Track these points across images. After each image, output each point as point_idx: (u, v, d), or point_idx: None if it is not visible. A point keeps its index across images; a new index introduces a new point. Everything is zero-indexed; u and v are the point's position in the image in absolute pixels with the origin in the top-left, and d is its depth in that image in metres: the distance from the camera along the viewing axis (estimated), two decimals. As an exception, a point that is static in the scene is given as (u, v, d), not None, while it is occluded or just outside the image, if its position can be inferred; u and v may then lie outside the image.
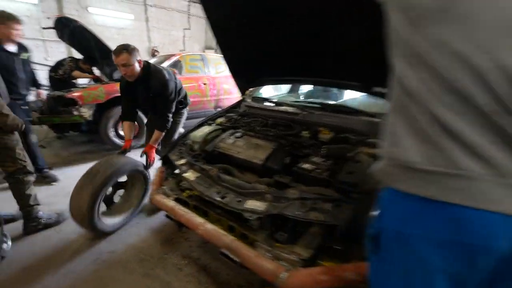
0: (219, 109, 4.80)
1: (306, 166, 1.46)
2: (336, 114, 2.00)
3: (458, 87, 0.56)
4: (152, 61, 4.64)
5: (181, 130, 2.77)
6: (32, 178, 2.06)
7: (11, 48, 2.57)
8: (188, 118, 4.51)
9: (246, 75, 2.35)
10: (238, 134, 1.94)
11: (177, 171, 1.92)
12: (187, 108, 2.83)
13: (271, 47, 1.96)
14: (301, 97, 2.96)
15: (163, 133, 2.33)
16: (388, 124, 0.69)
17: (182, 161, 1.75)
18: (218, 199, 1.39)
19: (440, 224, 0.60)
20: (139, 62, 2.13)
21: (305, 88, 3.47)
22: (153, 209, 2.33)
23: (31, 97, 2.94)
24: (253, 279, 1.66)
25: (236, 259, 1.21)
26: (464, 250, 0.58)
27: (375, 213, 0.74)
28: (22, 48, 2.70)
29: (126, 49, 2.02)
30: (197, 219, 1.37)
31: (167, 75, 2.23)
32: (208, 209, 1.50)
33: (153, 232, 2.13)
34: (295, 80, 2.20)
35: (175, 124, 2.60)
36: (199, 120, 2.35)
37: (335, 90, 3.10)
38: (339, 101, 2.45)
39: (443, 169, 0.59)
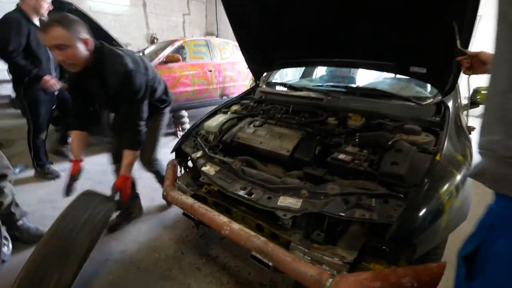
0: (225, 98, 4.61)
1: (342, 156, 1.29)
2: (364, 98, 1.82)
3: None
4: (152, 48, 4.41)
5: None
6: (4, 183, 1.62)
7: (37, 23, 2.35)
8: (194, 107, 4.36)
9: (262, 58, 2.15)
10: (257, 123, 1.76)
11: (190, 163, 1.76)
12: (170, 106, 2.05)
13: (291, 26, 1.75)
14: (318, 81, 2.75)
15: (138, 152, 1.57)
16: (503, 109, 0.52)
17: (198, 154, 1.58)
18: (245, 195, 1.23)
19: None
20: (85, 42, 1.36)
21: (319, 73, 3.27)
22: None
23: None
24: (276, 278, 1.53)
25: (270, 263, 1.06)
26: None
27: (473, 231, 0.61)
28: None
29: (60, 22, 1.27)
30: (221, 219, 1.22)
31: (130, 64, 1.45)
32: (231, 206, 1.34)
33: (166, 229, 1.99)
34: (318, 62, 2.00)
35: (155, 130, 1.87)
36: (206, 110, 2.16)
37: (352, 73, 2.91)
38: (366, 84, 2.25)
39: None
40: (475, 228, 0.62)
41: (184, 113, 4.17)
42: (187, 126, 4.22)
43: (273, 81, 2.51)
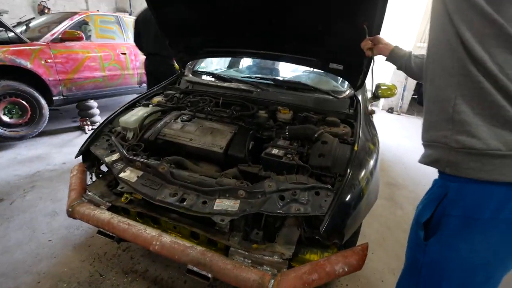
0: (144, 85, 4.09)
1: (276, 151, 1.29)
2: (291, 91, 1.88)
3: None
4: (41, 20, 3.48)
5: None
6: None
7: None
8: (106, 96, 3.70)
9: (186, 44, 1.94)
10: (185, 117, 1.59)
11: (105, 167, 1.46)
12: None
13: (218, 13, 1.61)
14: (245, 72, 2.70)
15: None
16: (451, 113, 0.69)
17: (114, 156, 1.31)
18: (176, 203, 1.08)
19: None
20: None
21: (246, 63, 3.23)
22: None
23: None
24: (215, 281, 1.47)
25: (209, 274, 0.98)
26: None
27: (427, 201, 0.77)
28: None
29: None
30: (148, 233, 1.04)
31: None
32: (160, 216, 1.18)
33: (76, 249, 1.63)
34: (246, 53, 1.93)
35: None
36: (123, 99, 1.84)
37: (276, 65, 2.99)
38: (291, 77, 2.33)
39: None
40: (428, 199, 0.78)
41: (93, 103, 3.51)
42: (98, 119, 3.58)
43: (200, 70, 2.33)
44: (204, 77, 2.19)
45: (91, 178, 1.43)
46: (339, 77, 2.37)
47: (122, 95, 3.87)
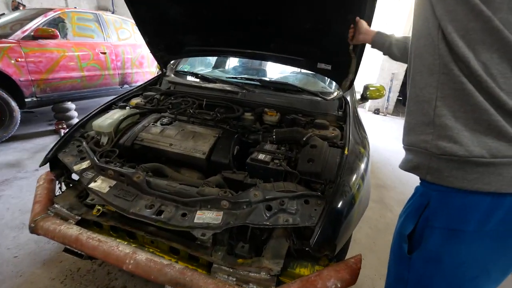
0: (126, 86, 3.93)
1: (262, 156, 1.21)
2: (278, 93, 1.81)
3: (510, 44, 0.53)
4: (11, 16, 3.25)
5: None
6: None
7: None
8: (84, 98, 3.50)
9: (167, 43, 1.83)
10: (165, 120, 1.48)
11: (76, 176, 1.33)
12: None
13: (201, 9, 1.52)
14: (231, 73, 2.61)
15: None
16: (432, 116, 0.63)
17: (84, 164, 1.19)
18: (153, 216, 0.98)
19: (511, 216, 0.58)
20: None
21: (232, 64, 3.14)
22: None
23: None
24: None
25: (189, 295, 0.88)
26: None
27: (409, 210, 0.70)
28: None
29: None
30: (121, 250, 0.93)
31: None
32: (135, 230, 1.07)
33: (45, 266, 1.49)
34: (231, 52, 1.84)
35: None
36: (104, 101, 1.72)
37: (263, 65, 2.92)
38: (278, 78, 2.26)
39: (507, 160, 0.56)
40: (410, 208, 0.71)
41: (70, 105, 3.31)
42: (76, 121, 3.38)
43: (183, 70, 2.22)
44: (187, 77, 2.08)
45: (60, 188, 1.30)
46: (327, 78, 2.34)
47: (103, 97, 3.67)
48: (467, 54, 0.56)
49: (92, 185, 1.09)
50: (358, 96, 2.20)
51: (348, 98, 1.77)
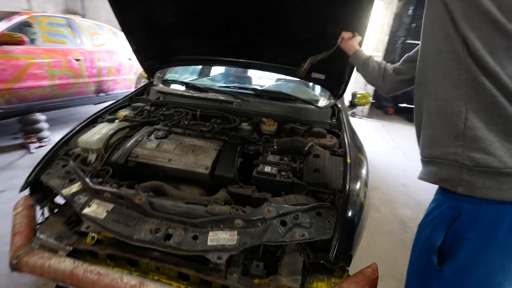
0: (102, 95, 3.70)
1: (268, 169, 1.18)
2: (273, 102, 1.80)
3: None
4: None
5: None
6: None
7: None
8: (56, 108, 3.23)
9: (156, 51, 1.74)
10: (160, 133, 1.40)
11: (60, 199, 1.20)
12: None
13: (197, 18, 1.47)
14: (221, 82, 2.56)
15: None
16: (462, 128, 0.65)
17: (75, 187, 1.07)
18: (160, 241, 0.90)
19: None
20: None
21: (217, 71, 3.09)
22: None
23: None
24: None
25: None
26: None
27: (436, 222, 0.72)
28: None
29: None
30: (126, 282, 0.84)
31: None
32: (139, 257, 0.97)
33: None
34: (225, 61, 1.80)
35: None
36: (77, 111, 1.58)
37: (248, 73, 2.90)
38: (269, 86, 2.25)
39: None
40: (437, 221, 0.72)
41: (40, 116, 3.02)
42: (47, 134, 3.10)
43: (171, 79, 2.13)
44: (176, 86, 2.00)
45: (42, 214, 1.16)
46: (315, 86, 2.38)
47: (76, 106, 3.42)
48: (496, 69, 0.59)
49: (86, 210, 0.98)
50: (346, 103, 2.26)
51: (340, 106, 1.81)
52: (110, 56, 3.76)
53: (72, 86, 3.25)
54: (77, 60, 3.26)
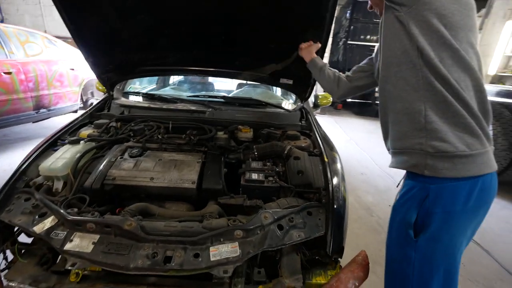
0: (44, 111, 3.27)
1: (255, 176, 1.21)
2: (244, 108, 1.83)
3: (471, 68, 0.77)
4: None
5: None
6: None
7: None
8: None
9: (116, 62, 1.62)
10: (135, 151, 1.32)
11: (26, 237, 1.05)
12: None
13: (163, 29, 1.42)
14: (186, 90, 2.49)
15: None
16: (423, 123, 0.80)
17: (48, 222, 0.95)
18: (160, 266, 0.86)
19: (481, 192, 0.80)
20: None
21: (176, 79, 2.99)
22: None
23: None
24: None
25: None
26: (487, 206, 0.85)
27: (410, 203, 0.87)
28: None
29: None
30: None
31: None
32: (133, 286, 0.91)
33: None
34: (193, 71, 1.76)
35: None
36: (12, 132, 1.39)
37: (210, 79, 2.89)
38: (236, 92, 2.27)
39: (479, 151, 0.77)
40: (410, 201, 0.87)
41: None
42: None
43: (132, 91, 2.01)
44: (141, 98, 1.89)
45: (4, 259, 1.00)
46: (277, 89, 2.48)
47: (12, 126, 2.95)
48: (446, 74, 0.76)
49: (68, 246, 0.88)
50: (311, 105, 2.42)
51: (307, 108, 1.93)
52: (48, 66, 3.32)
53: (4, 103, 2.79)
54: (8, 73, 2.81)
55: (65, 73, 3.57)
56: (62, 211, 0.95)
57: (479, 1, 1.14)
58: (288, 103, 2.11)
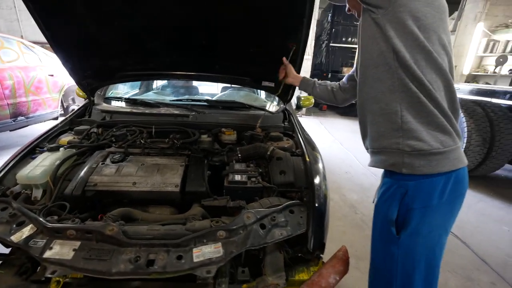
0: (22, 119, 3.17)
1: (238, 178, 1.23)
2: (227, 111, 1.85)
3: (443, 70, 0.81)
4: None
5: None
6: None
7: None
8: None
9: (96, 67, 1.61)
10: (116, 157, 1.31)
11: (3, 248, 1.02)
12: None
13: (141, 33, 1.42)
14: (169, 95, 2.48)
15: None
16: (399, 123, 0.83)
17: (27, 231, 0.93)
18: (143, 269, 0.86)
19: (455, 186, 0.84)
20: None
21: (160, 83, 2.98)
22: None
23: None
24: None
25: None
26: (461, 198, 0.89)
27: (390, 201, 0.89)
28: None
29: None
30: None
31: None
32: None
33: None
34: (174, 75, 1.76)
35: None
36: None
37: (194, 83, 2.90)
38: (219, 96, 2.29)
39: (451, 147, 0.82)
40: (390, 199, 0.89)
41: None
42: None
43: (114, 96, 1.99)
44: (123, 103, 1.88)
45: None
46: (261, 92, 2.52)
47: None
48: (420, 75, 0.79)
49: (48, 254, 0.87)
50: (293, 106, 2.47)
51: (289, 109, 1.97)
52: (25, 73, 3.22)
53: (-22, 111, 2.69)
54: (-19, 80, 2.71)
55: (43, 79, 3.47)
56: (41, 219, 0.94)
57: (451, 4, 1.19)
58: (272, 105, 2.15)
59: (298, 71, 1.63)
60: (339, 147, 4.65)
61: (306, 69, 6.76)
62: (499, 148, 3.07)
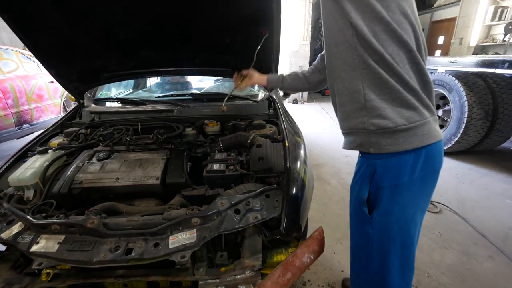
0: (27, 126, 3.30)
1: (217, 166, 1.27)
2: (212, 103, 1.88)
3: (405, 41, 0.76)
4: None
5: None
6: None
7: None
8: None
9: (80, 71, 1.66)
10: (102, 155, 1.37)
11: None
12: None
13: (118, 34, 1.45)
14: (158, 91, 2.53)
15: None
16: (363, 102, 0.80)
17: (15, 228, 1.01)
18: (122, 257, 0.92)
19: (427, 162, 0.82)
20: None
21: (153, 81, 3.03)
22: None
23: None
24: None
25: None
26: (435, 174, 0.87)
27: (361, 180, 0.89)
28: None
29: None
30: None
31: None
32: (101, 279, 0.98)
33: None
34: (154, 72, 1.80)
35: None
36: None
37: (187, 78, 2.92)
38: (206, 89, 2.31)
39: (418, 123, 0.79)
40: (361, 179, 0.88)
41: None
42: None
43: (103, 97, 2.05)
44: (111, 104, 1.93)
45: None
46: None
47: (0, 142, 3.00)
48: (380, 48, 0.75)
49: (35, 248, 0.94)
50: (280, 93, 2.46)
51: (275, 97, 1.97)
52: (26, 81, 3.34)
53: (-16, 122, 2.83)
54: (-16, 92, 2.84)
55: (44, 86, 3.59)
56: (28, 216, 1.01)
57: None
58: (261, 93, 2.15)
59: (276, 58, 1.63)
60: (340, 132, 4.60)
61: (304, 55, 6.64)
62: (503, 120, 2.97)
